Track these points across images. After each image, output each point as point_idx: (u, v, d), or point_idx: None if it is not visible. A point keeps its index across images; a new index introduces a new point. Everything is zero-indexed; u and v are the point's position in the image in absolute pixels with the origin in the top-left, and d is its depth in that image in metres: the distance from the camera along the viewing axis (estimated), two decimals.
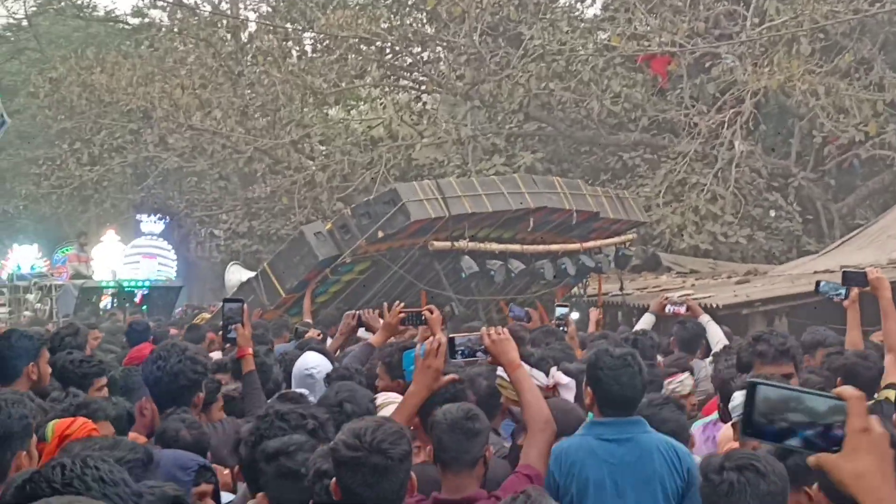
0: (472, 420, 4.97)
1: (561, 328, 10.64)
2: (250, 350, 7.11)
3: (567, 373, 6.71)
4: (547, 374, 6.79)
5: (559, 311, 12.11)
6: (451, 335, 5.87)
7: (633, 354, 5.78)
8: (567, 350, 8.42)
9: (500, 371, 6.02)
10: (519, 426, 5.95)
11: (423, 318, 7.65)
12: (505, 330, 5.65)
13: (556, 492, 5.18)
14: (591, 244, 19.95)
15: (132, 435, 5.44)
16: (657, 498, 5.31)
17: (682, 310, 9.70)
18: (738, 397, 5.34)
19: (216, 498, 4.96)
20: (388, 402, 6.05)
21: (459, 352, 5.67)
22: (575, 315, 17.38)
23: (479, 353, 5.63)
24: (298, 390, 6.72)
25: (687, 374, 8.23)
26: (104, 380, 7.06)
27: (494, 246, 18.04)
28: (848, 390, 2.39)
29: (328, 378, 6.84)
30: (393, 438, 3.95)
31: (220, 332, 8.09)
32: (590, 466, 5.47)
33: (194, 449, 5.19)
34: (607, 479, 5.50)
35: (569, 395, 6.44)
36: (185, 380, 5.94)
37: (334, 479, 3.95)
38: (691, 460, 5.39)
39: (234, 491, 5.38)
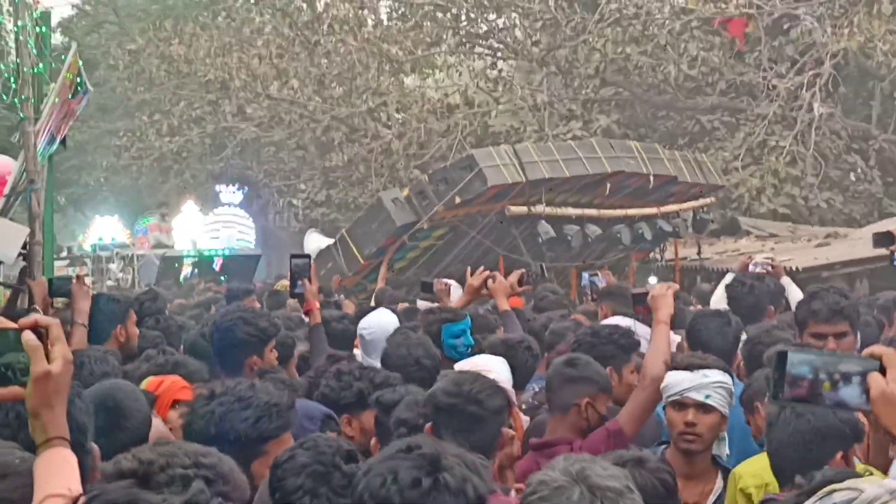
0: (570, 366, 5.10)
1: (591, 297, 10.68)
2: (317, 304, 7.28)
3: None
4: None
5: (587, 278, 12.05)
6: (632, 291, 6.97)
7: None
8: None
9: None
10: None
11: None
12: (673, 287, 5.70)
13: None
14: (668, 208, 19.84)
15: None
16: None
17: (766, 270, 9.67)
18: (673, 375, 5.02)
19: None
20: None
21: (639, 303, 6.26)
22: (653, 280, 17.34)
23: None
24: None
25: None
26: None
27: (571, 210, 17.99)
28: (880, 348, 2.54)
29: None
30: (490, 391, 4.07)
31: (288, 288, 8.21)
32: None
33: None
34: None
35: None
36: (239, 336, 5.88)
37: (430, 424, 4.09)
38: None
39: None
